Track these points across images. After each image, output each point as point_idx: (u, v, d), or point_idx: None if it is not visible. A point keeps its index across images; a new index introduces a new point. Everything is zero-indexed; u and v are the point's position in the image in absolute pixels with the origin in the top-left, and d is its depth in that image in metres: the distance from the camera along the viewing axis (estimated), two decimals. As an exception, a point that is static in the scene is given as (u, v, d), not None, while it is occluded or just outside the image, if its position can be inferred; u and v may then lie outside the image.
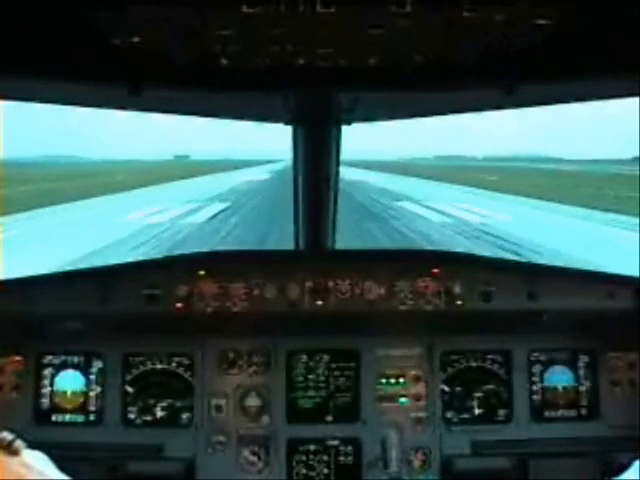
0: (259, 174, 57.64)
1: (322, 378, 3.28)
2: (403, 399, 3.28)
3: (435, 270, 3.24)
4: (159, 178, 49.37)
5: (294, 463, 3.19)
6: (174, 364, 3.28)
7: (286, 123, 3.13)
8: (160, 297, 3.15)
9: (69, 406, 3.24)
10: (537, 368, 3.34)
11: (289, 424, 3.23)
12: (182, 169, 66.06)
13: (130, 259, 3.97)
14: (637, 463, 1.52)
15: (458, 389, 3.32)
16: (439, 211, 30.56)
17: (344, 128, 3.10)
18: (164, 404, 3.26)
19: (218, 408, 3.24)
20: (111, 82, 1.95)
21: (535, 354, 3.34)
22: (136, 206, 32.57)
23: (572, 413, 3.32)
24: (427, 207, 32.26)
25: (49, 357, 3.25)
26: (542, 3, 1.45)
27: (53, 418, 3.23)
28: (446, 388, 3.31)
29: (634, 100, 2.36)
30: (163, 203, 33.75)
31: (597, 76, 1.91)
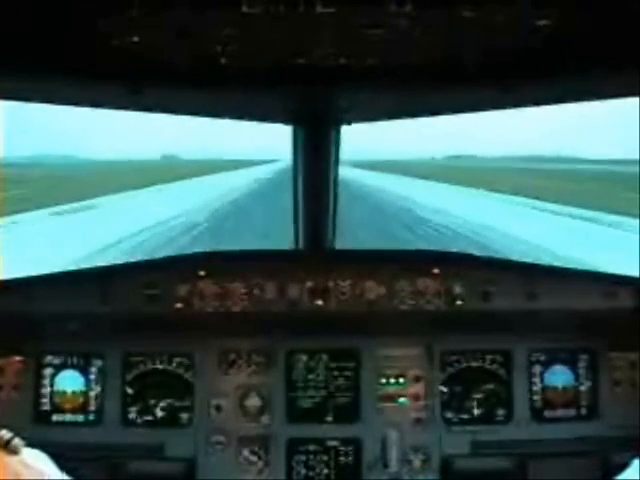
0: (256, 174, 57.54)
1: (322, 378, 3.28)
2: (403, 399, 3.28)
3: (435, 270, 3.24)
4: (151, 180, 49.18)
5: (294, 463, 3.19)
6: (174, 364, 3.28)
7: (286, 123, 3.13)
8: (160, 297, 3.15)
9: (69, 406, 3.24)
10: (537, 368, 3.33)
11: (289, 424, 3.23)
12: (173, 170, 65.60)
13: (130, 259, 3.97)
14: (636, 462, 1.52)
15: (458, 389, 3.32)
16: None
17: (347, 128, 3.10)
18: (164, 404, 3.26)
19: (218, 408, 3.24)
20: (111, 82, 1.95)
21: (535, 354, 3.34)
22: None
23: (572, 413, 3.31)
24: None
25: (49, 357, 3.25)
26: (542, 3, 1.45)
27: (53, 418, 3.23)
28: (446, 388, 3.31)
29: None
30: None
31: (596, 76, 1.91)
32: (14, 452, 1.36)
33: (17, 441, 1.38)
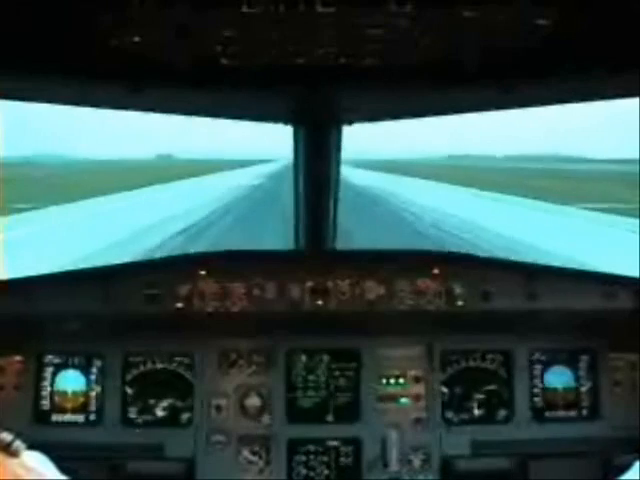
0: (256, 174, 57.46)
1: (322, 378, 3.28)
2: (403, 399, 3.28)
3: (435, 270, 3.23)
4: (149, 179, 49.09)
5: (294, 463, 3.19)
6: (174, 364, 3.28)
7: (286, 123, 3.13)
8: (160, 297, 3.15)
9: (69, 406, 3.24)
10: (537, 368, 3.33)
11: (289, 424, 3.23)
12: (170, 169, 65.43)
13: (130, 259, 3.97)
14: (637, 463, 1.51)
15: (458, 389, 3.32)
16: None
17: (348, 128, 3.10)
18: (164, 404, 3.26)
19: (218, 408, 3.24)
20: (111, 82, 1.95)
21: (535, 354, 3.34)
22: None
23: (572, 413, 3.31)
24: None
25: (49, 357, 3.25)
26: (542, 3, 1.45)
27: (53, 418, 3.23)
28: (446, 388, 3.31)
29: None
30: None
31: (596, 76, 1.91)
32: (15, 454, 1.36)
33: (18, 444, 1.38)
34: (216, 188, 42.59)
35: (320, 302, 3.20)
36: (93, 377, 3.26)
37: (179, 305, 3.16)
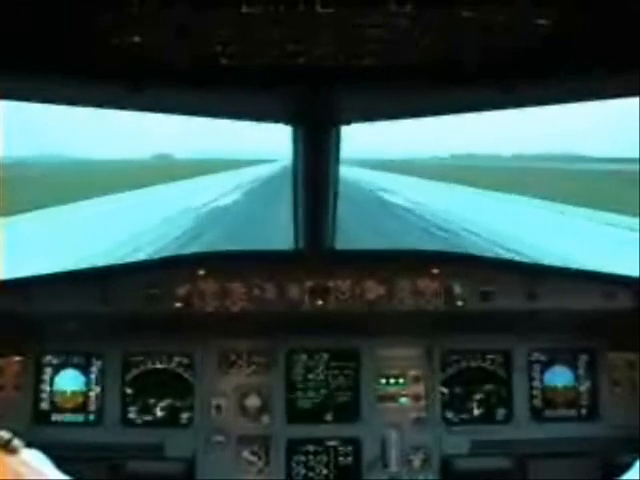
0: (256, 174, 57.40)
1: (322, 378, 3.29)
2: (403, 399, 3.29)
3: (435, 270, 3.24)
4: (147, 180, 48.96)
5: (294, 463, 3.19)
6: (174, 364, 3.28)
7: (286, 123, 3.13)
8: (160, 297, 3.15)
9: (69, 406, 3.25)
10: (537, 368, 3.34)
11: (289, 424, 3.23)
12: (169, 170, 65.03)
13: (130, 259, 3.97)
14: (637, 463, 1.52)
15: (458, 389, 3.32)
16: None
17: (348, 127, 3.10)
18: (164, 404, 3.26)
19: (218, 408, 3.25)
20: (111, 82, 1.95)
21: (535, 354, 3.35)
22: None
23: (572, 413, 3.32)
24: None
25: (49, 357, 3.26)
26: (542, 3, 1.45)
27: (53, 418, 3.23)
28: (446, 388, 3.32)
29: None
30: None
31: (596, 76, 1.91)
32: (13, 452, 1.36)
33: (16, 441, 1.38)
34: (215, 188, 42.56)
35: (320, 302, 3.20)
36: (93, 377, 3.27)
37: (178, 305, 3.16)
